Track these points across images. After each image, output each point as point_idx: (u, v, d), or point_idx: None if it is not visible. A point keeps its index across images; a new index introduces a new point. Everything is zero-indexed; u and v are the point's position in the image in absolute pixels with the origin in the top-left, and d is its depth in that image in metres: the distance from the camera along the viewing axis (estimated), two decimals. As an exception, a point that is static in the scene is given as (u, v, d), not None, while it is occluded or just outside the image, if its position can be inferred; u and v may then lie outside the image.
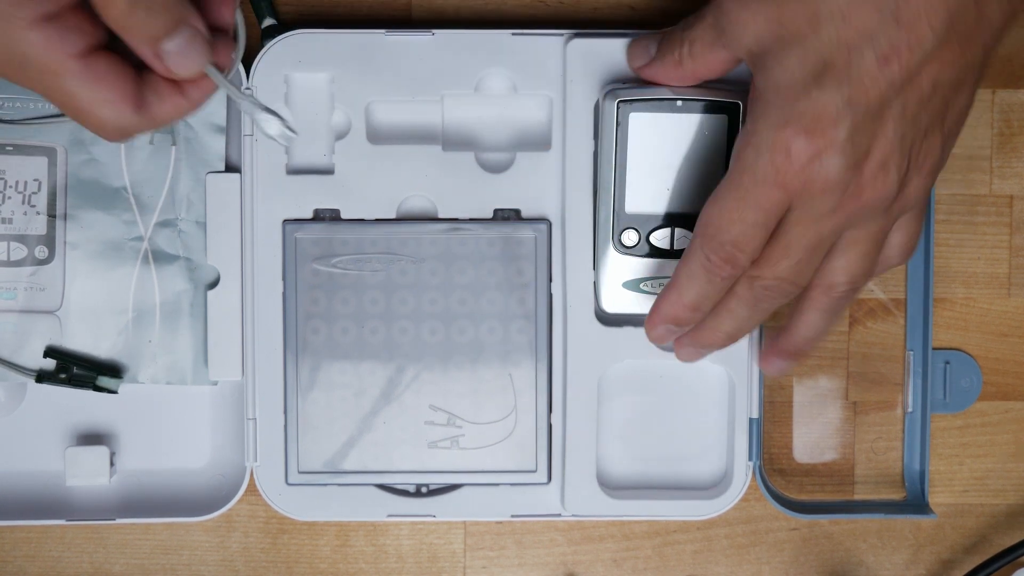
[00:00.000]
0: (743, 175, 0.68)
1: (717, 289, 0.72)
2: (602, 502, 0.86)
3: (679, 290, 0.73)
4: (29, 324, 0.85)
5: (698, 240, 0.71)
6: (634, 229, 0.79)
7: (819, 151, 0.65)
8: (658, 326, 0.76)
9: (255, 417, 0.85)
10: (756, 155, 0.67)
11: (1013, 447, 0.89)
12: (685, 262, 0.72)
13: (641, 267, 0.81)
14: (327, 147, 0.85)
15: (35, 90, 0.64)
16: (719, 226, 0.69)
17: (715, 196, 0.70)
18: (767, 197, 0.67)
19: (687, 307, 0.74)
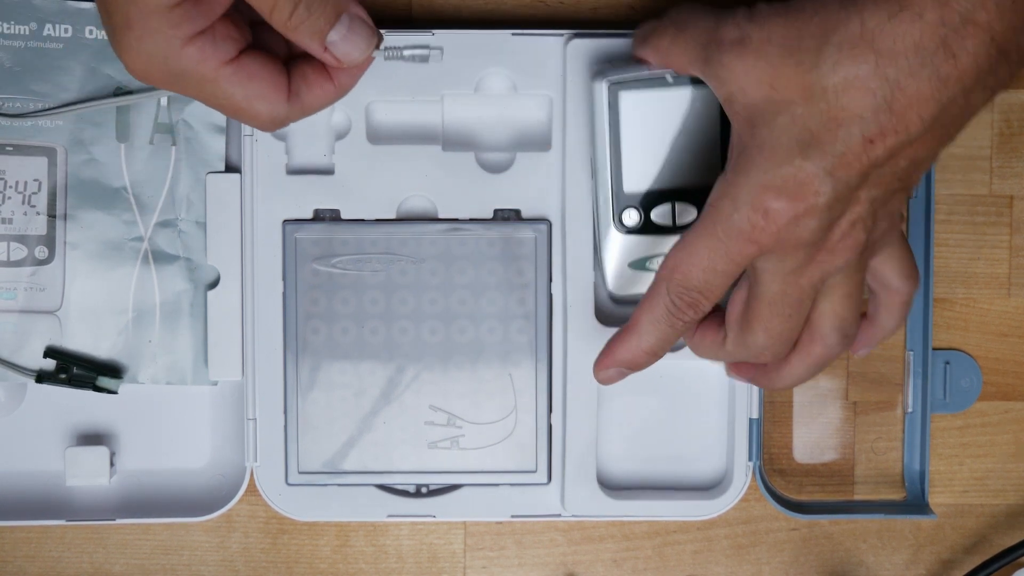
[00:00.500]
0: (717, 226, 0.68)
1: (677, 334, 0.73)
2: (602, 502, 0.86)
3: (639, 334, 0.73)
4: (29, 324, 0.85)
5: (663, 284, 0.71)
6: (634, 208, 0.79)
7: (797, 216, 0.66)
8: (610, 368, 0.75)
9: (255, 417, 0.85)
10: (733, 209, 0.67)
11: (1013, 447, 0.89)
12: (648, 306, 0.72)
13: (645, 245, 0.80)
14: (327, 147, 0.85)
15: (192, 96, 0.69)
16: (687, 272, 0.70)
17: (685, 242, 0.70)
18: (739, 251, 0.68)
19: (645, 352, 0.74)
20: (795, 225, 0.67)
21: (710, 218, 0.69)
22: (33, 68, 0.84)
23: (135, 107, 0.84)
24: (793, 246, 0.68)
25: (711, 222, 0.68)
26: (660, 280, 0.71)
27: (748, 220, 0.67)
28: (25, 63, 0.84)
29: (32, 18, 0.83)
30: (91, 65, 0.84)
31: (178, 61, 0.66)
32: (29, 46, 0.84)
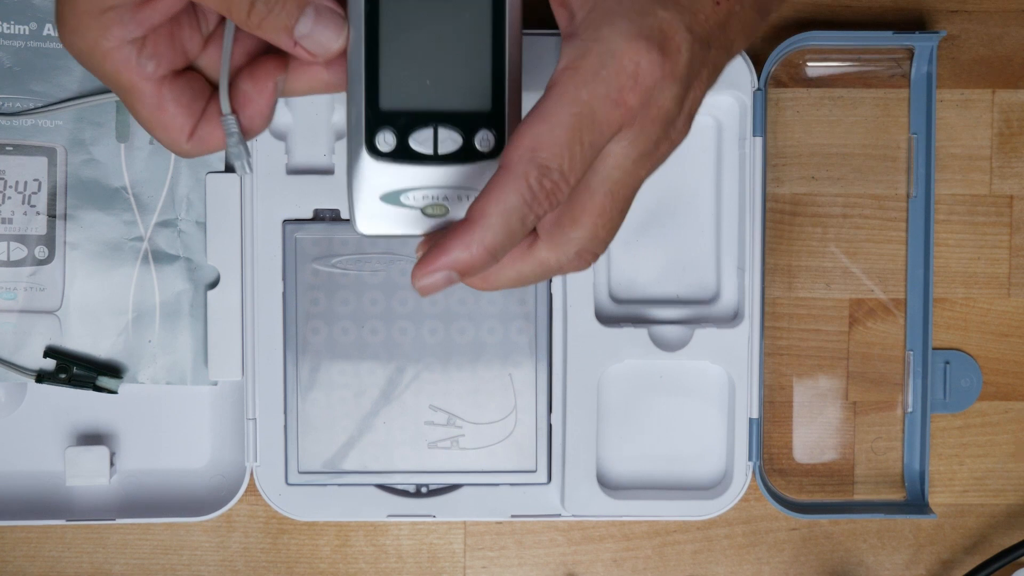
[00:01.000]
0: (581, 89, 0.60)
1: (524, 231, 0.62)
2: (602, 502, 0.86)
3: (483, 228, 0.61)
4: (29, 324, 0.85)
5: (520, 167, 0.60)
6: (391, 130, 0.64)
7: (664, 75, 0.60)
8: (438, 272, 0.63)
9: (255, 417, 0.85)
10: (600, 65, 0.60)
11: (1013, 447, 0.89)
12: (498, 195, 0.61)
13: (400, 176, 0.65)
14: (327, 147, 0.85)
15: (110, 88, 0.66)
16: (552, 149, 0.60)
17: (542, 113, 0.60)
18: (606, 118, 0.60)
19: (487, 250, 0.61)
20: (659, 90, 0.60)
21: (571, 82, 0.60)
22: (33, 68, 0.84)
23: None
24: (651, 119, 0.61)
25: (573, 86, 0.60)
26: (514, 162, 0.60)
27: (617, 78, 0.60)
28: (25, 63, 0.84)
29: (32, 18, 0.83)
30: (91, 65, 0.84)
31: (101, 63, 0.63)
32: (29, 46, 0.84)
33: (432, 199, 0.65)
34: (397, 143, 0.64)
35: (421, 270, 0.62)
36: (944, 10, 0.87)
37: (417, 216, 0.65)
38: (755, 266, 0.85)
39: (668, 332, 0.86)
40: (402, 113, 0.64)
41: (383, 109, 0.64)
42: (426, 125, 0.64)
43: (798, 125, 0.87)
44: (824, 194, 0.88)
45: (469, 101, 0.64)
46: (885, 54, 0.87)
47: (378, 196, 0.65)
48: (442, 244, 0.62)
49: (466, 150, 0.64)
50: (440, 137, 0.65)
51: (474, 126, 0.64)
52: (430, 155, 0.65)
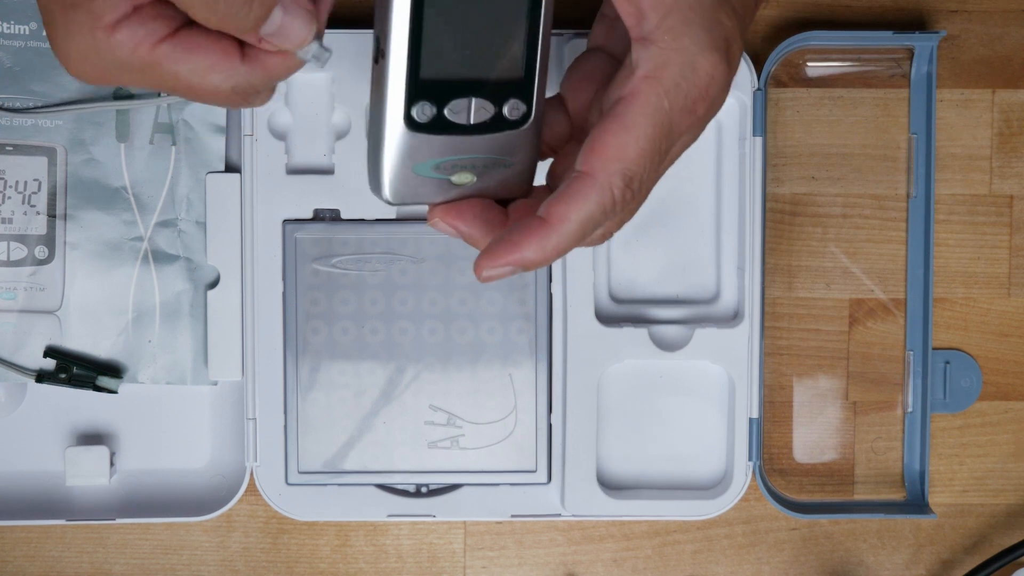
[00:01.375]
0: (664, 99, 0.60)
1: (595, 232, 0.63)
2: (602, 502, 0.86)
3: (561, 233, 0.62)
4: (29, 324, 0.85)
5: (606, 177, 0.61)
6: (429, 101, 0.63)
7: (726, 84, 0.62)
8: (506, 267, 0.63)
9: (255, 417, 0.85)
10: (681, 77, 0.60)
11: (1013, 447, 0.89)
12: (582, 202, 0.61)
13: (435, 146, 0.64)
14: (327, 147, 0.85)
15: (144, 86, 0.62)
16: (637, 161, 0.61)
17: (623, 122, 0.61)
18: (680, 128, 0.61)
19: (558, 252, 0.62)
20: (720, 98, 0.62)
21: (653, 91, 0.60)
22: (33, 68, 0.84)
23: (135, 107, 0.84)
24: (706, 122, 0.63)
25: (656, 96, 0.60)
26: (599, 171, 0.61)
27: (696, 88, 0.61)
28: (25, 63, 0.84)
29: (32, 18, 0.83)
30: (91, 65, 0.84)
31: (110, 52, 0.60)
32: (29, 46, 0.84)
33: (461, 168, 0.65)
34: (435, 113, 0.63)
35: (490, 261, 0.62)
36: (944, 10, 0.87)
37: (446, 185, 0.65)
38: (755, 266, 0.85)
39: (668, 332, 0.86)
40: (441, 83, 0.63)
41: (423, 79, 0.63)
42: (463, 95, 0.64)
43: (798, 125, 0.87)
44: (824, 194, 0.88)
45: (503, 70, 0.63)
46: (885, 54, 0.87)
47: (411, 167, 0.65)
48: (515, 240, 0.62)
49: (497, 119, 0.64)
50: (474, 107, 0.64)
51: (505, 95, 0.64)
52: (464, 125, 0.64)
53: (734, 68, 0.62)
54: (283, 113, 0.85)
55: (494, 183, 0.66)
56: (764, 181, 0.85)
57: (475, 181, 0.65)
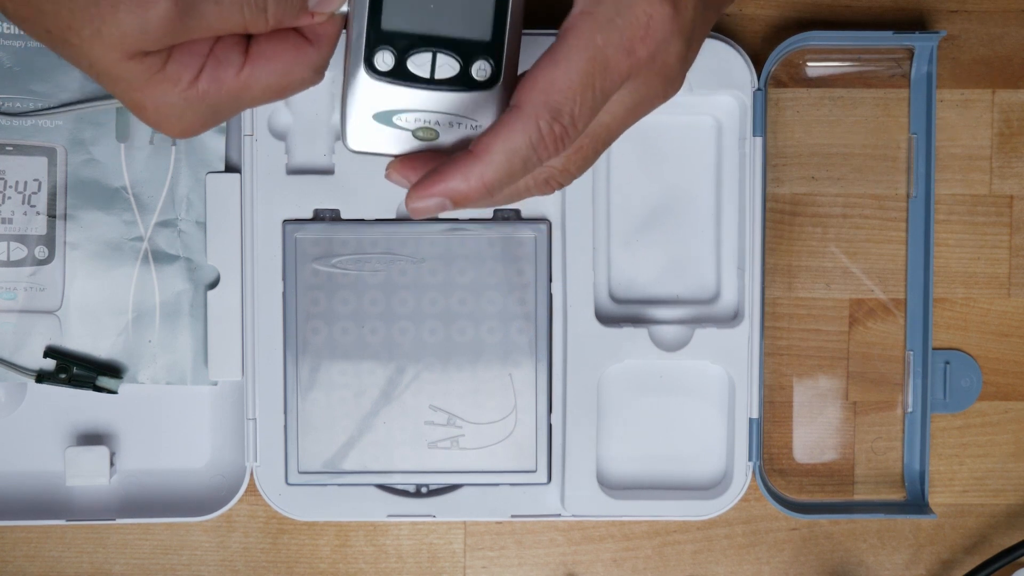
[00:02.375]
0: (596, 34, 0.60)
1: (524, 173, 0.63)
2: (602, 502, 0.86)
3: (487, 164, 0.61)
4: (29, 324, 0.85)
5: (532, 108, 0.61)
6: (390, 50, 0.65)
7: (673, 30, 0.61)
8: (433, 198, 0.63)
9: (255, 417, 0.85)
10: (615, 13, 0.60)
11: (1013, 447, 0.89)
12: (507, 133, 0.61)
13: (395, 96, 0.66)
14: (327, 147, 0.85)
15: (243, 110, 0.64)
16: (565, 93, 0.60)
17: (555, 57, 0.61)
18: (617, 68, 0.61)
19: (485, 185, 0.62)
20: (667, 44, 0.61)
21: (585, 25, 0.60)
22: (33, 68, 0.84)
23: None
24: (655, 72, 0.62)
25: (588, 31, 0.60)
26: (526, 103, 0.61)
27: (631, 27, 0.60)
28: (25, 63, 0.84)
29: (32, 18, 0.83)
30: (91, 65, 0.84)
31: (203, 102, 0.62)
32: (29, 46, 0.84)
33: (424, 122, 0.66)
34: (395, 63, 0.65)
35: (417, 192, 0.62)
36: (944, 10, 0.87)
37: (407, 138, 0.66)
38: (755, 266, 0.85)
39: (668, 332, 0.86)
40: (402, 34, 0.65)
41: (384, 29, 0.64)
42: (425, 48, 0.65)
43: (798, 125, 0.87)
44: (824, 194, 0.88)
45: (469, 29, 0.64)
46: (885, 54, 0.87)
47: (371, 114, 0.66)
48: (442, 171, 0.62)
49: (462, 77, 0.65)
50: (438, 62, 0.65)
51: (472, 54, 0.64)
52: (426, 78, 0.65)
53: (683, 14, 0.61)
54: (283, 113, 0.85)
55: (458, 142, 0.66)
56: (764, 181, 0.85)
57: (437, 138, 0.66)
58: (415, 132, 0.66)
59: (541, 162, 0.62)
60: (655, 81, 0.62)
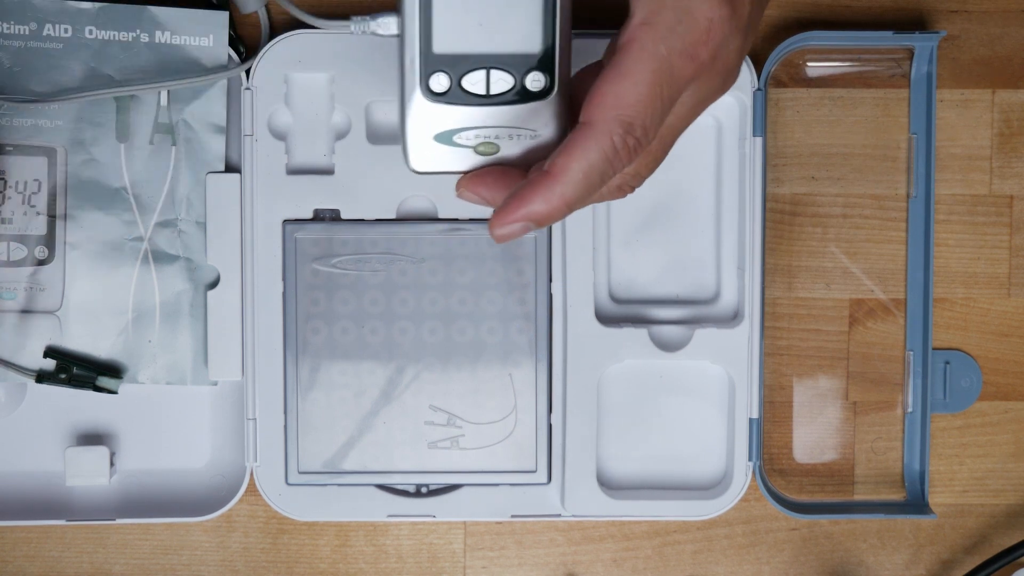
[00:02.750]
0: (660, 44, 0.61)
1: (605, 183, 0.64)
2: (602, 502, 0.86)
3: (565, 183, 0.63)
4: (29, 324, 0.85)
5: (605, 124, 0.62)
6: (444, 72, 0.66)
7: (731, 29, 0.62)
8: (517, 223, 0.64)
9: (255, 417, 0.85)
10: (677, 20, 0.61)
11: (1013, 447, 0.89)
12: (582, 151, 0.62)
13: (454, 116, 0.68)
14: (327, 147, 0.85)
15: None
16: (636, 107, 0.61)
17: (621, 70, 0.62)
18: (683, 73, 0.62)
19: (566, 204, 0.63)
20: (726, 43, 0.62)
21: (648, 37, 0.61)
22: (33, 68, 0.84)
23: (135, 107, 0.84)
24: (716, 71, 0.63)
25: (651, 42, 0.61)
26: (598, 119, 0.62)
27: (692, 33, 0.61)
28: (25, 63, 0.84)
29: (32, 18, 0.83)
30: (91, 65, 0.84)
31: None
32: (29, 46, 0.84)
33: (484, 138, 0.67)
34: (451, 85, 0.67)
35: (500, 219, 0.64)
36: (944, 10, 0.87)
37: (469, 154, 0.68)
38: (755, 266, 0.85)
39: (668, 332, 0.86)
40: (455, 56, 0.66)
41: (436, 52, 0.66)
42: (479, 67, 0.66)
43: (798, 125, 0.87)
44: (824, 194, 0.88)
45: (520, 43, 0.66)
46: (885, 54, 0.87)
47: (432, 136, 0.68)
48: (522, 195, 0.63)
49: (518, 91, 0.66)
50: (492, 78, 0.67)
51: (525, 67, 0.66)
52: (482, 95, 0.67)
53: (740, 12, 0.62)
54: (283, 113, 0.85)
55: (520, 152, 0.68)
56: (764, 181, 0.85)
57: (499, 151, 0.67)
58: (476, 148, 0.68)
59: (616, 173, 0.63)
60: (716, 79, 0.63)
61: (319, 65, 0.84)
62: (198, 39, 0.84)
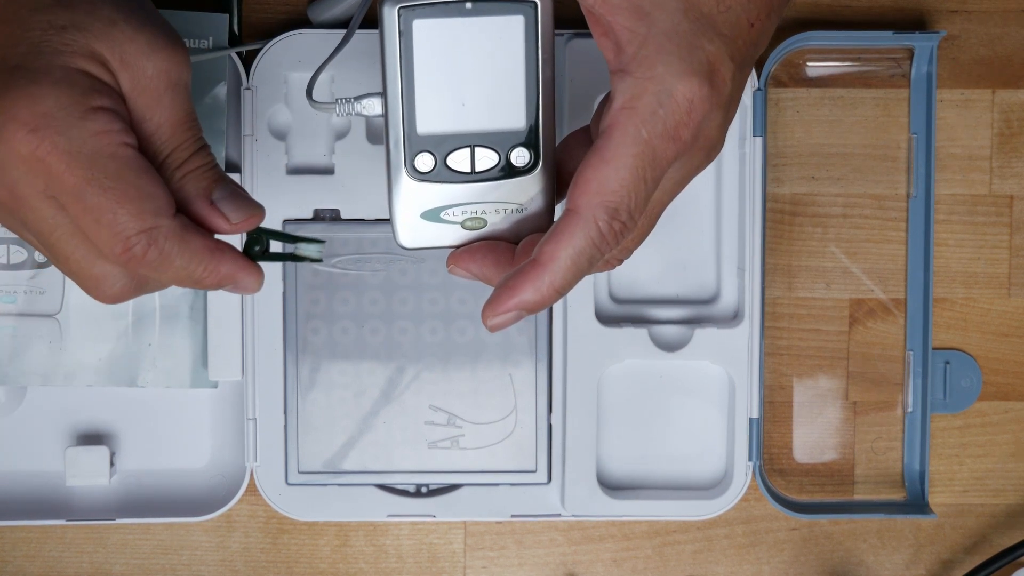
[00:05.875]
0: (641, 128, 0.61)
1: (593, 267, 0.64)
2: (602, 502, 0.86)
3: (553, 271, 0.63)
4: (29, 328, 0.85)
5: (590, 211, 0.62)
6: (429, 152, 0.67)
7: (712, 107, 0.62)
8: (509, 312, 0.65)
9: (255, 417, 0.85)
10: (658, 104, 0.61)
11: (1013, 447, 0.89)
12: (568, 239, 0.63)
13: (440, 194, 0.68)
14: (327, 147, 0.85)
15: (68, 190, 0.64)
16: (619, 192, 0.62)
17: (605, 156, 0.62)
18: (665, 154, 0.62)
19: (556, 291, 0.64)
20: (708, 120, 0.63)
21: (630, 121, 0.62)
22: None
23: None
24: (699, 147, 0.64)
25: (633, 126, 0.62)
26: (583, 207, 0.63)
27: (673, 114, 0.62)
28: (25, 63, 0.83)
29: (31, 18, 0.83)
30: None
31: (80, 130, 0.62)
32: (28, 46, 0.83)
33: (471, 213, 0.68)
34: (436, 164, 0.67)
35: (492, 310, 0.64)
36: (944, 10, 0.87)
37: (457, 230, 0.68)
38: (755, 266, 0.85)
39: (668, 332, 0.86)
40: (439, 136, 0.67)
41: (421, 133, 0.67)
42: (463, 145, 0.67)
43: (798, 125, 0.87)
44: (824, 194, 0.87)
45: (503, 120, 0.66)
46: (885, 54, 0.87)
47: (419, 213, 0.68)
48: (512, 285, 0.64)
49: (503, 167, 0.67)
50: (477, 156, 0.67)
51: (509, 143, 0.66)
52: (468, 172, 0.67)
53: (720, 90, 0.63)
54: (283, 113, 0.85)
55: (508, 226, 0.68)
56: (764, 181, 0.85)
57: (487, 225, 0.68)
58: (464, 223, 0.68)
59: (603, 256, 0.63)
60: (699, 154, 0.64)
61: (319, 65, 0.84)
62: (198, 41, 0.84)
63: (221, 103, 0.84)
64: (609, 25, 0.63)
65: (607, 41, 0.63)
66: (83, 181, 0.62)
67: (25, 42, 0.62)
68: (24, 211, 0.63)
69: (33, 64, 0.62)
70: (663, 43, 0.62)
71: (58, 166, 0.61)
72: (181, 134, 0.65)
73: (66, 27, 0.62)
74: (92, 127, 0.62)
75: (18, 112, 0.61)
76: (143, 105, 0.64)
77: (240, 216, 0.67)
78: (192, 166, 0.65)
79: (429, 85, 0.67)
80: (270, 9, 0.86)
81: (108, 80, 0.63)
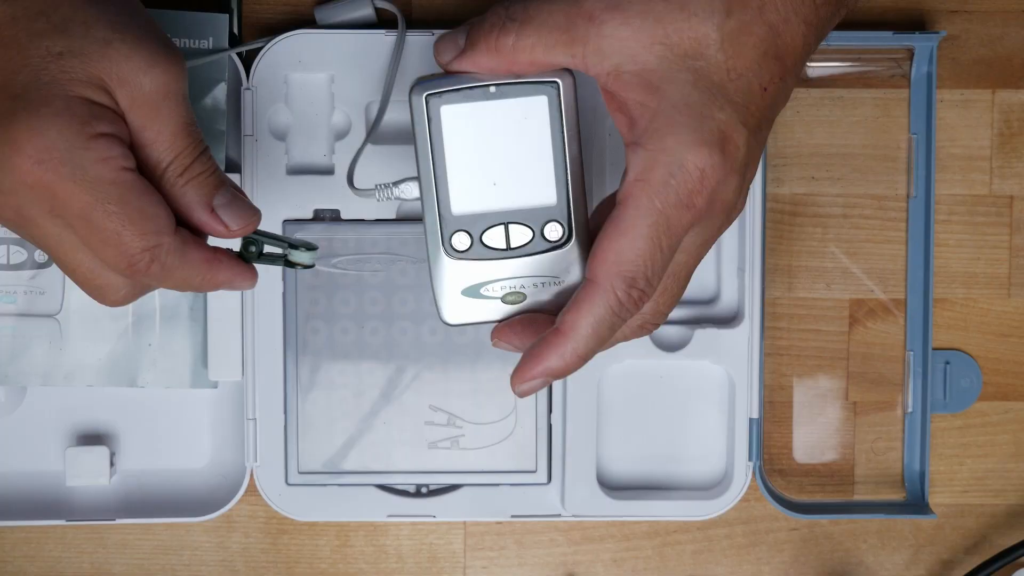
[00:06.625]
0: (654, 199, 0.64)
1: (614, 333, 0.67)
2: (602, 502, 0.86)
3: (576, 340, 0.67)
4: (29, 328, 0.85)
5: (607, 281, 0.65)
6: (464, 231, 0.70)
7: (725, 173, 0.65)
8: (536, 379, 0.68)
9: (255, 417, 0.85)
10: (669, 175, 0.64)
11: (1013, 447, 0.89)
12: (588, 308, 0.66)
13: (479, 271, 0.71)
14: (327, 147, 0.85)
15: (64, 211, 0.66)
16: (636, 262, 0.65)
17: (620, 228, 0.65)
18: (679, 223, 0.65)
19: (580, 358, 0.67)
20: (722, 186, 0.65)
21: (643, 193, 0.64)
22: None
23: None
24: (716, 212, 0.66)
25: (647, 198, 0.64)
26: (601, 277, 0.66)
27: (685, 184, 0.64)
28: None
29: (31, 18, 0.83)
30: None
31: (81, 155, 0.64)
32: (28, 46, 0.83)
33: (510, 288, 0.71)
34: (472, 242, 0.71)
35: (520, 377, 0.68)
36: (944, 10, 0.87)
37: (497, 304, 0.71)
38: (755, 266, 0.85)
39: (668, 332, 0.86)
40: (473, 215, 0.70)
41: (455, 214, 0.70)
42: (497, 223, 0.70)
43: (798, 125, 0.87)
44: (824, 194, 0.87)
45: (535, 197, 0.70)
46: (885, 54, 0.87)
47: (459, 291, 0.71)
48: (537, 353, 0.67)
49: (537, 242, 0.70)
50: (511, 233, 0.70)
51: (543, 220, 0.69)
52: (503, 249, 0.71)
53: (733, 156, 0.65)
54: (283, 113, 0.85)
55: (548, 299, 0.71)
56: (764, 181, 0.85)
57: (526, 299, 0.71)
58: (503, 298, 0.71)
59: (625, 322, 0.66)
60: (717, 219, 0.66)
61: (319, 65, 0.84)
62: (198, 41, 0.84)
63: (221, 103, 0.84)
64: (622, 101, 0.65)
65: (621, 116, 0.66)
66: (88, 206, 0.64)
67: (25, 70, 0.64)
68: (31, 228, 0.66)
69: (34, 95, 0.63)
70: (674, 115, 0.64)
71: (64, 193, 0.63)
72: (181, 142, 0.66)
73: (63, 53, 0.64)
74: (94, 155, 0.63)
75: (23, 144, 0.63)
76: (142, 118, 0.65)
77: (239, 224, 0.69)
78: (193, 173, 0.67)
79: (460, 167, 0.70)
80: (270, 9, 0.86)
81: (107, 102, 0.64)
